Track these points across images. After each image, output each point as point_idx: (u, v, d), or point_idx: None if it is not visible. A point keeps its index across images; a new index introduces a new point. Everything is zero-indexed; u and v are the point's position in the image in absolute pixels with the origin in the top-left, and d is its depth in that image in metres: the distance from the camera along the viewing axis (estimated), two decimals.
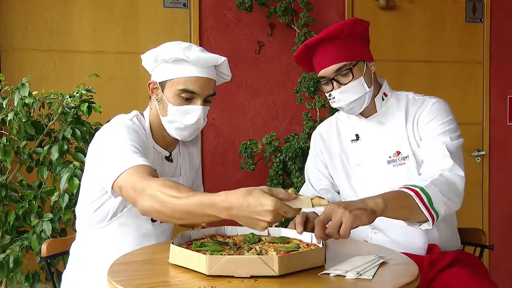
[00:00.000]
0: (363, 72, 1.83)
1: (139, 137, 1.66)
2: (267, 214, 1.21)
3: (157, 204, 1.38)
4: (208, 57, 1.69)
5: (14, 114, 2.20)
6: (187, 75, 1.67)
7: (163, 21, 3.00)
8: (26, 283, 2.27)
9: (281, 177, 2.82)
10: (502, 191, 3.69)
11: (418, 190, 1.54)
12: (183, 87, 1.67)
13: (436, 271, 1.76)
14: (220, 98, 3.08)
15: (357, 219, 1.38)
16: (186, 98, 1.68)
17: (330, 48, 1.82)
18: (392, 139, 1.85)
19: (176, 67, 1.69)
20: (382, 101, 1.89)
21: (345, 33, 1.81)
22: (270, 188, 1.26)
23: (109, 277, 1.29)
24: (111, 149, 1.59)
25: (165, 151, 1.80)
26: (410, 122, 1.84)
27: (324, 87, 1.87)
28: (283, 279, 1.24)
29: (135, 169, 1.48)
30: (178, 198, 1.34)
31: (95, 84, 2.48)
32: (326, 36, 1.82)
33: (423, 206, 1.53)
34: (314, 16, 2.95)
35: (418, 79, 3.45)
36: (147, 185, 1.41)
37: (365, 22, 1.89)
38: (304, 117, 2.90)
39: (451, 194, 1.61)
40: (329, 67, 1.81)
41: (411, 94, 1.92)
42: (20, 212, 2.19)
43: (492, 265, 3.59)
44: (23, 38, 2.77)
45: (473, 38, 3.60)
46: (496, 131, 3.66)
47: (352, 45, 1.83)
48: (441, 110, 1.82)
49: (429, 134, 1.79)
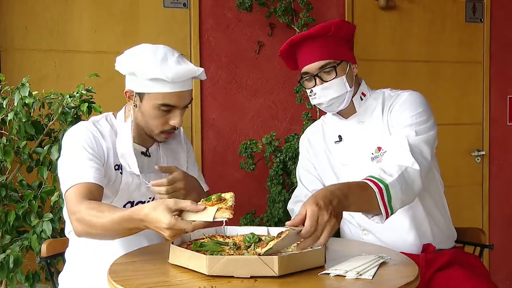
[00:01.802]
0: (346, 72, 1.85)
1: (95, 144, 1.71)
2: (165, 230, 1.33)
3: (86, 227, 1.50)
4: (185, 72, 1.67)
5: (14, 114, 2.20)
6: (166, 91, 1.68)
7: (163, 21, 3.00)
8: (26, 283, 2.27)
9: (281, 177, 2.82)
10: (502, 191, 3.69)
11: (382, 187, 1.52)
12: (161, 102, 1.68)
13: (434, 271, 1.76)
14: (220, 98, 3.09)
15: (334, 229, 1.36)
16: (165, 110, 1.70)
17: (316, 45, 1.84)
18: (372, 136, 1.87)
19: (154, 83, 1.67)
20: (360, 100, 1.91)
21: (331, 33, 1.84)
22: (176, 202, 1.35)
23: (109, 277, 1.29)
24: (65, 161, 1.69)
25: (141, 147, 1.82)
26: (386, 116, 1.86)
27: (307, 83, 1.89)
28: (283, 279, 1.24)
29: (76, 189, 1.58)
30: (101, 217, 1.46)
31: (95, 84, 2.48)
32: (312, 34, 1.84)
33: (382, 204, 1.51)
34: (314, 16, 2.95)
35: (418, 79, 3.45)
36: (77, 210, 1.53)
37: (351, 25, 1.94)
38: (304, 117, 2.90)
39: (409, 193, 1.60)
40: (313, 63, 1.84)
41: (388, 91, 1.94)
42: (20, 212, 2.19)
43: (492, 265, 3.59)
44: (23, 38, 2.77)
45: (473, 38, 3.60)
46: (496, 131, 3.66)
47: (337, 45, 1.86)
48: (413, 102, 1.82)
49: (397, 125, 1.79)
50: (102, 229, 1.47)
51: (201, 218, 1.34)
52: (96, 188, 1.60)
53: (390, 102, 1.87)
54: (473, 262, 1.85)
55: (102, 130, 1.76)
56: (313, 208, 1.32)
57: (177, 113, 1.71)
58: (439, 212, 1.89)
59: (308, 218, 1.31)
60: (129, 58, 1.71)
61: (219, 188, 2.93)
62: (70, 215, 1.56)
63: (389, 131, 1.83)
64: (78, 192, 1.57)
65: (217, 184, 3.00)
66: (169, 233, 1.33)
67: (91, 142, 1.70)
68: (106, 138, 1.75)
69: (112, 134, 1.77)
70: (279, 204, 2.74)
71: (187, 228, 1.32)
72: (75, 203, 1.55)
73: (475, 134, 3.62)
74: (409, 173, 1.62)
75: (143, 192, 1.79)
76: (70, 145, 1.71)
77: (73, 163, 1.66)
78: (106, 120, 1.81)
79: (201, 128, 3.05)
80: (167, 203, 1.35)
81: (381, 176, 1.56)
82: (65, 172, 1.66)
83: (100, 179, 1.63)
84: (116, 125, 1.80)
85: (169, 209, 1.33)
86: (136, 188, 1.77)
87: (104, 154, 1.72)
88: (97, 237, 1.56)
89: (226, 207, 1.36)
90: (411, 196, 1.63)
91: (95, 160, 1.66)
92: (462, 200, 3.54)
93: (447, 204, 1.95)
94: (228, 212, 1.34)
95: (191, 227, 1.32)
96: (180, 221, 1.32)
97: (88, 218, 1.49)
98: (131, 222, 1.41)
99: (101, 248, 1.72)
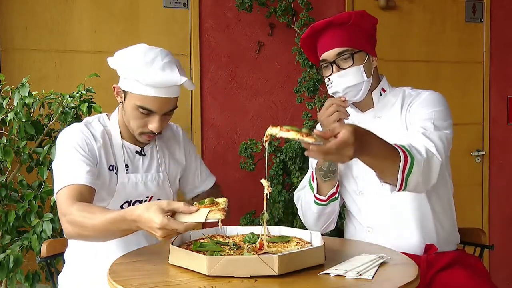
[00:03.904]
0: (364, 61, 1.85)
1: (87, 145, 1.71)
2: (157, 230, 1.34)
3: (77, 228, 1.50)
4: (166, 80, 1.65)
5: (14, 114, 2.20)
6: (144, 93, 1.67)
7: (163, 21, 2.99)
8: (26, 283, 2.27)
9: (281, 177, 2.82)
10: (502, 191, 3.69)
11: (409, 159, 1.53)
12: (139, 104, 1.69)
13: (435, 271, 1.76)
14: (220, 98, 3.09)
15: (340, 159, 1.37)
16: (144, 113, 1.70)
17: (335, 33, 1.85)
18: (388, 132, 1.85)
19: (136, 84, 1.67)
20: (379, 95, 1.91)
21: (352, 22, 1.84)
22: (169, 203, 1.36)
23: (109, 277, 1.29)
24: (57, 162, 1.69)
25: (135, 146, 1.83)
26: (404, 113, 1.86)
27: (324, 71, 1.89)
28: (283, 279, 1.24)
29: (67, 191, 1.58)
30: (92, 218, 1.46)
31: (95, 84, 2.48)
32: (333, 21, 1.86)
33: (401, 173, 1.52)
34: (314, 16, 2.95)
35: (418, 79, 3.45)
36: (68, 211, 1.52)
37: (373, 17, 1.92)
38: (304, 117, 2.89)
39: (426, 178, 1.61)
40: (331, 50, 1.84)
41: (408, 89, 1.94)
42: (20, 212, 2.19)
43: (492, 265, 3.59)
44: (23, 38, 2.77)
45: (473, 38, 3.60)
46: (496, 131, 3.66)
47: (357, 34, 1.86)
48: (433, 100, 1.83)
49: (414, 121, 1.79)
50: (93, 230, 1.47)
51: (193, 219, 1.34)
52: (87, 190, 1.60)
53: (410, 100, 1.87)
54: (474, 263, 1.85)
55: (94, 131, 1.76)
56: (349, 135, 1.31)
57: (156, 119, 1.70)
58: (446, 215, 1.88)
59: (341, 141, 1.30)
60: (122, 55, 1.73)
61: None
62: (61, 217, 1.56)
63: (406, 128, 1.83)
64: (69, 193, 1.57)
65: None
66: (161, 233, 1.34)
67: (83, 143, 1.70)
68: (98, 139, 1.75)
69: (105, 135, 1.77)
70: (279, 204, 2.74)
71: (179, 229, 1.33)
72: (66, 204, 1.54)
73: (475, 134, 3.62)
74: (434, 160, 1.62)
75: (140, 192, 1.80)
76: (62, 146, 1.72)
77: (65, 164, 1.66)
78: (99, 121, 1.81)
79: (201, 128, 3.05)
80: (160, 204, 1.36)
81: (412, 150, 1.56)
82: (57, 173, 1.66)
83: (91, 181, 1.63)
84: (109, 125, 1.80)
85: (161, 209, 1.34)
86: (133, 188, 1.78)
87: (96, 155, 1.72)
88: (88, 239, 1.56)
89: (219, 208, 1.36)
90: (426, 182, 1.63)
91: (87, 161, 1.66)
92: (462, 200, 3.52)
93: (455, 208, 1.94)
94: (220, 213, 1.35)
95: (183, 227, 1.33)
96: (172, 222, 1.33)
97: (80, 219, 1.49)
98: (124, 223, 1.41)
99: (100, 249, 1.73)
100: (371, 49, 1.89)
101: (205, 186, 2.06)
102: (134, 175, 1.78)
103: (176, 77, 1.66)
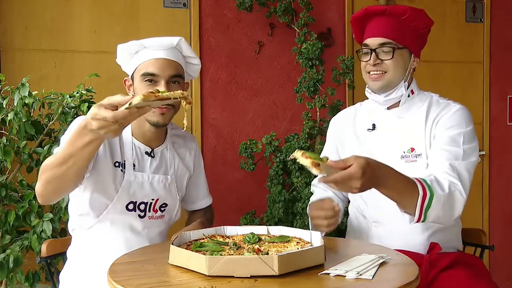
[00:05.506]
0: (404, 60, 1.85)
1: None
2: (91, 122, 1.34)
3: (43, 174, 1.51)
4: (161, 38, 1.79)
5: (14, 114, 2.20)
6: (146, 59, 1.77)
7: (163, 21, 2.99)
8: (26, 283, 2.27)
9: (281, 177, 2.82)
10: (502, 191, 3.69)
11: (428, 194, 1.54)
12: (143, 71, 1.76)
13: (437, 272, 1.76)
14: (220, 98, 3.09)
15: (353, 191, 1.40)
16: (149, 80, 1.75)
17: (385, 22, 1.85)
18: (409, 135, 1.85)
19: (138, 56, 1.80)
20: (407, 97, 1.90)
21: (406, 17, 1.83)
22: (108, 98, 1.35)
23: (109, 277, 1.29)
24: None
25: (146, 146, 1.83)
26: (430, 123, 1.84)
27: (363, 55, 1.89)
28: (283, 279, 1.24)
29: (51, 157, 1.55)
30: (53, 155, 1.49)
31: (95, 84, 2.48)
32: (388, 10, 1.85)
33: (419, 207, 1.54)
34: (314, 16, 2.95)
35: (418, 79, 3.38)
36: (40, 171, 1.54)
37: (429, 19, 1.91)
38: (304, 117, 2.89)
39: (447, 214, 1.62)
40: (376, 38, 1.84)
41: (436, 96, 1.93)
42: (20, 212, 2.19)
43: (492, 265, 3.59)
44: (23, 38, 2.77)
45: (473, 38, 3.60)
46: (496, 131, 3.66)
47: (406, 31, 1.85)
48: (463, 119, 1.81)
49: (443, 139, 1.77)
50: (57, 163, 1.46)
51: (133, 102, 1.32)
52: None
53: (438, 111, 1.85)
54: (476, 264, 1.85)
55: None
56: (357, 170, 1.34)
57: (162, 83, 1.74)
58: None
59: (347, 174, 1.34)
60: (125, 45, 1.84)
61: (219, 188, 2.94)
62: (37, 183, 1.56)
63: (430, 138, 1.81)
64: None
65: (217, 184, 3.00)
66: (95, 124, 1.33)
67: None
68: None
69: None
70: (279, 204, 2.74)
71: (107, 116, 1.31)
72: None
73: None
74: (457, 197, 1.64)
75: (146, 193, 1.79)
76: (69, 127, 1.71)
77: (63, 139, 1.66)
78: None
79: (201, 128, 3.05)
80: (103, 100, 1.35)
81: (433, 184, 1.57)
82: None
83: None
84: None
85: (99, 104, 1.34)
86: (138, 187, 1.77)
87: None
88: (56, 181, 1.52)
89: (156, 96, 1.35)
90: (447, 217, 1.64)
91: None
92: None
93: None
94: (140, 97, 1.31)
95: (111, 114, 1.31)
96: (102, 110, 1.32)
97: (46, 162, 1.50)
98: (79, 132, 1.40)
99: (102, 247, 1.73)
100: (416, 50, 1.89)
101: (202, 204, 2.06)
102: (140, 174, 1.77)
103: (172, 38, 1.80)
